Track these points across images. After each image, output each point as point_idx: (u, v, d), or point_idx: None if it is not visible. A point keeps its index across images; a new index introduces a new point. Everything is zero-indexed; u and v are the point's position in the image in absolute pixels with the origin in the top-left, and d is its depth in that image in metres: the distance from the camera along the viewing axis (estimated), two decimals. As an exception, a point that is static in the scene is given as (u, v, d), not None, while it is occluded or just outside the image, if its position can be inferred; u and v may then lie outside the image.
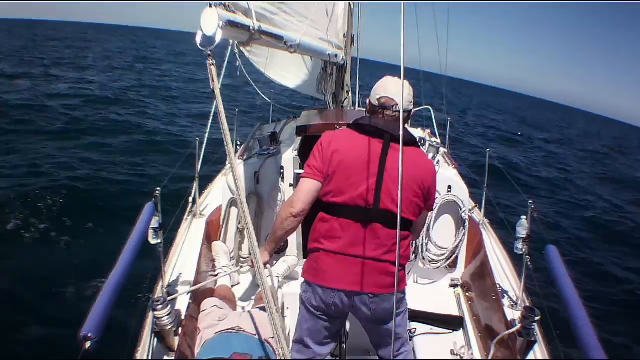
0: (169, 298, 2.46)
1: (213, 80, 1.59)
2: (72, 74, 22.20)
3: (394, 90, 2.04)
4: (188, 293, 2.70)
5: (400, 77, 1.71)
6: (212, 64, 1.60)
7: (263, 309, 2.54)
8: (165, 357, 2.37)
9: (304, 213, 2.06)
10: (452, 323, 2.96)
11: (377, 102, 2.10)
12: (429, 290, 3.37)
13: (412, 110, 2.21)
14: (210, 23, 1.70)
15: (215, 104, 1.61)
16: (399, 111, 1.96)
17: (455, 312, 3.11)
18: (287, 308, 3.09)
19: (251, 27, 2.14)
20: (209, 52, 1.64)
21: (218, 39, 1.71)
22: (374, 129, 2.02)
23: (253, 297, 3.08)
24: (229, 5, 1.94)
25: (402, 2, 1.48)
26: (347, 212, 2.00)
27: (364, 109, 2.29)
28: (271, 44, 2.62)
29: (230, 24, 1.86)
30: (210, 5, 1.73)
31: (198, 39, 1.70)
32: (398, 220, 1.61)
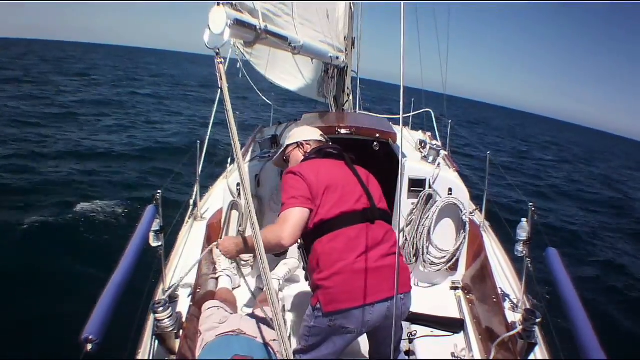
0: (166, 296, 2.47)
1: (221, 79, 1.57)
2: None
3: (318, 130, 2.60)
4: (189, 295, 2.71)
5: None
6: (221, 62, 1.58)
7: (264, 311, 2.55)
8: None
9: (295, 243, 2.05)
10: (452, 325, 2.96)
11: (322, 138, 2.51)
12: (430, 293, 3.37)
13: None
14: (218, 21, 1.69)
15: (217, 101, 1.61)
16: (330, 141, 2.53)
17: (456, 314, 3.11)
18: (288, 310, 3.09)
19: (258, 27, 2.14)
20: (217, 51, 1.64)
21: (226, 37, 1.70)
22: (337, 151, 2.34)
23: (254, 300, 3.08)
24: (235, 5, 1.94)
25: (402, 2, 1.49)
26: (355, 217, 2.06)
27: (365, 112, 2.39)
28: (276, 45, 2.63)
29: (238, 22, 1.85)
30: (218, 4, 1.73)
31: (206, 38, 1.69)
32: (398, 219, 1.62)
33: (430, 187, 3.36)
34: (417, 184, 3.38)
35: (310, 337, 2.10)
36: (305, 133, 2.54)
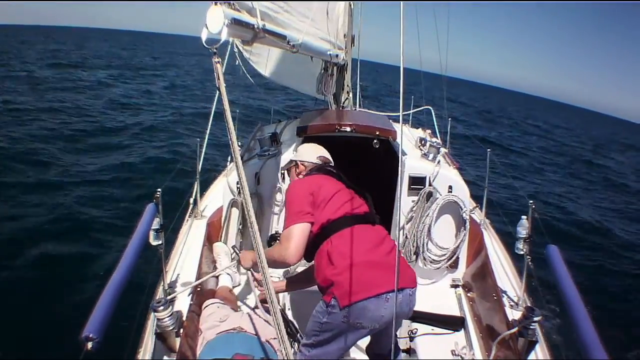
0: (169, 297, 2.47)
1: (218, 78, 1.56)
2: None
3: (324, 151, 2.68)
4: (189, 294, 2.70)
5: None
6: (218, 62, 1.57)
7: (264, 309, 2.55)
8: (167, 358, 2.37)
9: (300, 260, 2.18)
10: (453, 323, 2.96)
11: (318, 160, 2.60)
12: (430, 291, 3.36)
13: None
14: (215, 21, 1.69)
15: (214, 101, 1.60)
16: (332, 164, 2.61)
17: (456, 312, 3.11)
18: (289, 309, 3.09)
19: (255, 26, 2.13)
20: (214, 50, 1.63)
21: (224, 37, 1.70)
22: (334, 170, 2.48)
23: (254, 298, 3.08)
24: (233, 4, 1.93)
25: (402, 2, 1.48)
26: (357, 218, 2.20)
27: (365, 110, 2.42)
28: (274, 43, 2.62)
29: (235, 22, 1.85)
30: (216, 3, 1.72)
31: (203, 37, 1.69)
32: (398, 217, 1.62)
33: (430, 184, 3.35)
34: (417, 182, 3.37)
35: (321, 332, 2.12)
36: (304, 154, 2.67)
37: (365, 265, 2.02)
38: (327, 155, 2.68)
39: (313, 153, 2.66)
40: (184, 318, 2.47)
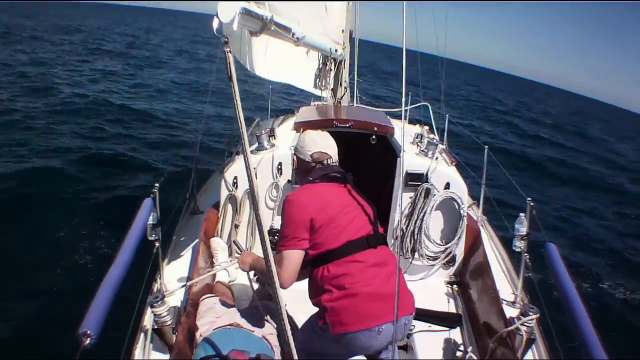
0: (166, 293, 2.45)
1: (229, 68, 1.51)
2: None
3: (323, 144, 2.32)
4: (186, 289, 2.70)
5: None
6: (229, 51, 1.53)
7: (261, 305, 2.54)
8: (163, 354, 2.36)
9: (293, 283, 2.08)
10: (450, 320, 2.96)
11: (310, 158, 2.29)
12: (427, 288, 3.36)
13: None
14: (227, 10, 1.69)
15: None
16: (335, 162, 2.31)
17: (453, 309, 3.11)
18: (286, 304, 3.08)
19: (264, 17, 2.15)
20: (226, 39, 1.61)
21: (235, 26, 1.70)
22: (339, 174, 2.23)
23: (251, 294, 3.08)
24: None
25: (404, 2, 1.47)
26: (360, 244, 2.07)
27: (363, 105, 2.36)
28: (279, 35, 2.64)
29: (246, 12, 1.87)
30: None
31: (215, 26, 1.68)
32: (396, 213, 1.61)
33: (427, 181, 3.34)
34: (414, 178, 3.35)
35: (311, 342, 2.13)
36: (299, 148, 2.38)
37: (362, 297, 1.95)
38: (329, 148, 2.33)
39: (309, 148, 2.32)
40: (181, 313, 2.46)
